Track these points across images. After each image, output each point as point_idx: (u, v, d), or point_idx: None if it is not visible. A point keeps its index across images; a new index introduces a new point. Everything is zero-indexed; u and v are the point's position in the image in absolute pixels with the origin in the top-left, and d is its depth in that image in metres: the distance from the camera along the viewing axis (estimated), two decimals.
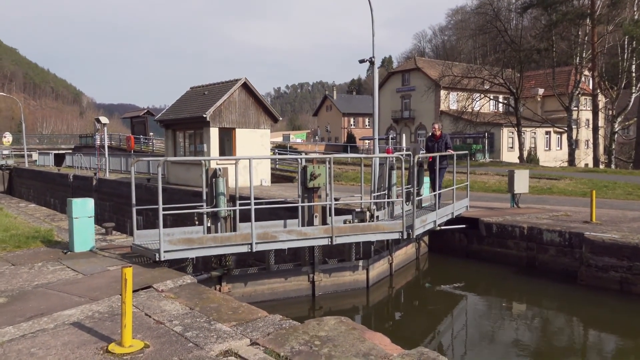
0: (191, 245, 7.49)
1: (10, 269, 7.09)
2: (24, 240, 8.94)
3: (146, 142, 41.13)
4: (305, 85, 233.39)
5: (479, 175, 23.38)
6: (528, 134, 45.65)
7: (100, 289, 6.00)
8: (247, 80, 19.97)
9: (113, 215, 22.47)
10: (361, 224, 9.25)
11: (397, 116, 56.84)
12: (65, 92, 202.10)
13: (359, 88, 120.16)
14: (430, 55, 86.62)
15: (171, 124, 21.35)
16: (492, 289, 10.50)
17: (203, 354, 4.24)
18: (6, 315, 5.05)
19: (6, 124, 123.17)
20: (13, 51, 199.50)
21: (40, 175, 34.31)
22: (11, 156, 43.43)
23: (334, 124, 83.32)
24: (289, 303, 8.91)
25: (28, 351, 4.29)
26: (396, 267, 11.07)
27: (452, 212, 11.56)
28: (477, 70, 40.20)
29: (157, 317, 5.15)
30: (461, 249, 12.22)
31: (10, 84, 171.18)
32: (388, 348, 4.46)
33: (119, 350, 4.25)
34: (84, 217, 8.20)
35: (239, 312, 5.42)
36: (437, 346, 7.64)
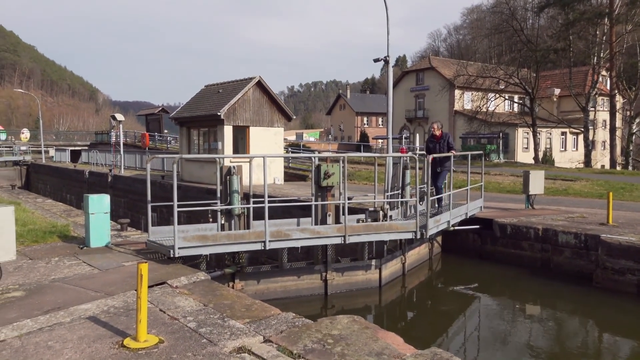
0: (205, 242, 7.54)
1: (28, 263, 7.21)
2: (41, 235, 9.08)
3: (161, 140, 41.45)
4: (319, 84, 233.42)
5: (493, 175, 23.19)
6: (543, 134, 45.17)
7: (115, 284, 6.07)
8: (261, 78, 20.04)
9: (128, 211, 22.70)
10: (374, 223, 9.23)
11: (411, 116, 56.62)
12: (82, 89, 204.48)
13: (373, 87, 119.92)
14: (445, 55, 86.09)
15: (186, 121, 21.50)
16: (506, 291, 10.42)
17: (217, 350, 4.27)
18: (24, 309, 5.14)
19: (24, 121, 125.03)
20: (31, 49, 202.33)
21: (56, 171, 34.77)
22: (29, 152, 44.09)
23: (348, 123, 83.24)
24: (301, 301, 8.93)
25: (45, 344, 4.36)
26: (409, 267, 11.03)
27: (466, 212, 11.49)
28: (493, 69, 39.85)
29: (171, 312, 5.20)
30: (475, 250, 12.14)
31: (28, 80, 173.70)
32: (401, 348, 4.45)
33: (134, 345, 4.30)
34: (99, 213, 8.30)
35: (252, 309, 5.45)
36: (450, 347, 7.60)
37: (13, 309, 5.14)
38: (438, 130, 11.36)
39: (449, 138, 11.36)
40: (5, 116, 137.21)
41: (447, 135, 11.48)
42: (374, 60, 15.33)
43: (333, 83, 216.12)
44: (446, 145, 11.17)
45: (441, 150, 11.09)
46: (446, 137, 11.35)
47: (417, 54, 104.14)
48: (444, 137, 11.32)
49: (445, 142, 11.24)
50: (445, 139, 11.29)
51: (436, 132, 11.36)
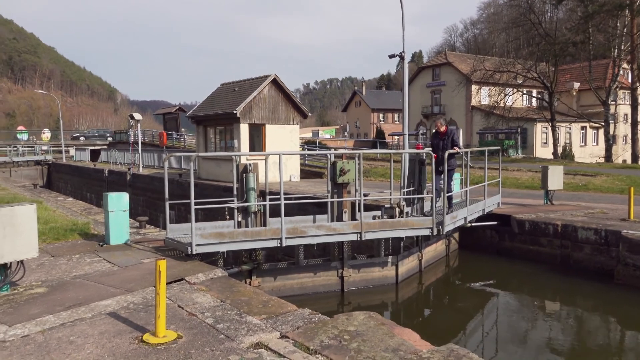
0: (222, 240, 7.61)
1: (50, 260, 7.35)
2: (63, 233, 9.24)
3: (178, 138, 41.81)
4: (334, 81, 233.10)
5: (511, 171, 22.94)
6: (563, 129, 44.48)
7: (134, 281, 6.16)
8: (277, 76, 20.09)
9: (146, 209, 22.98)
10: (390, 220, 9.21)
11: (428, 112, 56.23)
12: (101, 89, 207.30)
13: (389, 83, 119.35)
14: (462, 50, 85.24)
15: (202, 120, 21.67)
16: (524, 287, 10.31)
17: (234, 345, 4.32)
18: (47, 305, 5.25)
19: (45, 121, 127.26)
20: (51, 50, 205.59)
21: (77, 170, 35.33)
22: (50, 152, 44.88)
23: (363, 120, 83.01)
24: (317, 298, 8.97)
25: (67, 339, 4.45)
26: (426, 264, 10.99)
27: (483, 208, 11.39)
28: (510, 64, 39.35)
29: (189, 309, 5.26)
30: (492, 246, 12.04)
31: (48, 81, 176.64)
32: (417, 344, 4.44)
33: (153, 340, 4.37)
34: (119, 211, 8.42)
35: (268, 305, 5.49)
36: (467, 344, 7.56)
37: (36, 305, 5.26)
38: (442, 126, 10.81)
39: (453, 134, 10.74)
40: (27, 117, 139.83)
41: (452, 131, 10.87)
42: (389, 56, 15.25)
43: (349, 80, 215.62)
44: (450, 142, 10.55)
45: (445, 147, 10.49)
46: (451, 133, 10.74)
47: (433, 50, 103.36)
48: (448, 134, 10.71)
49: (450, 138, 10.64)
50: (450, 135, 10.68)
51: (440, 129, 10.79)
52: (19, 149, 42.45)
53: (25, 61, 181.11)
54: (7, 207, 5.49)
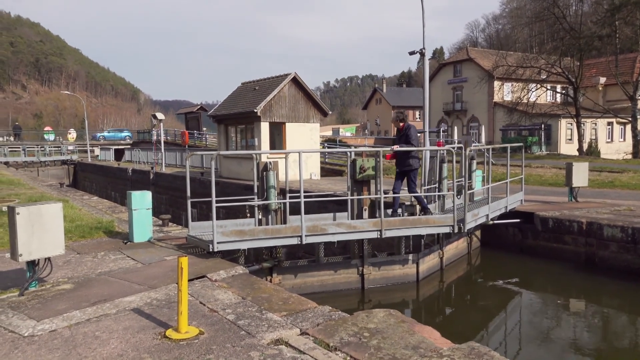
0: (243, 237, 7.68)
1: (76, 257, 7.53)
2: (88, 231, 9.44)
3: (200, 137, 42.26)
4: (354, 79, 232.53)
5: (534, 168, 22.58)
6: (588, 125, 43.54)
7: (157, 278, 6.27)
8: (297, 74, 20.14)
9: (169, 207, 23.30)
10: (411, 218, 9.17)
11: (449, 108, 55.69)
12: (124, 89, 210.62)
13: (409, 80, 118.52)
14: (484, 45, 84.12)
15: (223, 119, 21.86)
16: (548, 286, 10.16)
17: (254, 342, 4.37)
18: (73, 300, 5.38)
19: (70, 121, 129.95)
20: (76, 52, 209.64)
21: (101, 169, 36.01)
22: (75, 151, 45.83)
23: (384, 117, 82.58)
24: (338, 295, 8.98)
25: (93, 334, 4.56)
26: (447, 262, 10.91)
27: (505, 206, 11.25)
28: (534, 59, 38.64)
29: (211, 305, 5.33)
30: (515, 244, 11.88)
31: (74, 82, 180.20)
32: (438, 342, 4.42)
33: (176, 336, 4.44)
34: (142, 209, 8.56)
35: (289, 302, 5.52)
36: (489, 342, 7.49)
37: (63, 300, 5.39)
38: (399, 122, 9.67)
39: (407, 131, 9.47)
40: (54, 117, 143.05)
41: (408, 127, 9.56)
42: (409, 53, 15.17)
43: (369, 77, 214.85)
44: (404, 139, 9.44)
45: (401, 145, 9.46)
46: (407, 129, 9.52)
47: (454, 46, 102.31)
48: (405, 130, 9.53)
49: (404, 135, 9.45)
50: (405, 131, 9.50)
51: (399, 125, 9.69)
52: (46, 149, 43.46)
53: (52, 63, 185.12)
54: (35, 206, 5.64)
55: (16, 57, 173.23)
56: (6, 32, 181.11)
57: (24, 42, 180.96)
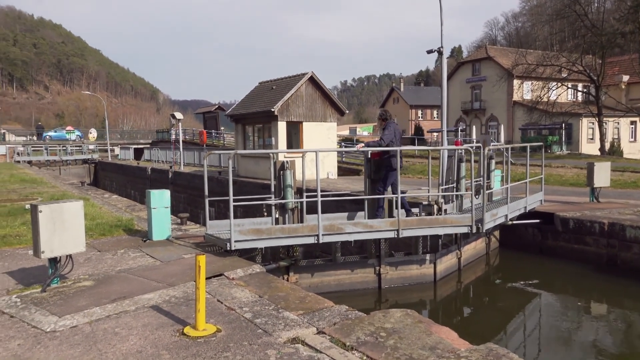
0: (260, 236, 7.71)
1: (96, 255, 7.65)
2: (108, 229, 9.59)
3: (217, 137, 42.57)
4: (372, 78, 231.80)
5: (554, 168, 22.25)
6: (610, 124, 42.73)
7: (176, 275, 6.33)
8: (314, 74, 20.15)
9: (187, 206, 23.52)
10: (428, 217, 9.11)
11: (467, 107, 55.16)
12: (144, 89, 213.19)
13: (427, 79, 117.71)
14: (503, 44, 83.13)
15: (241, 118, 21.98)
16: (569, 288, 10.00)
17: (271, 340, 4.38)
18: (93, 297, 5.47)
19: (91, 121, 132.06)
20: (97, 52, 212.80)
21: (121, 168, 36.51)
22: (96, 151, 46.59)
23: (401, 117, 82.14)
24: (354, 295, 8.97)
25: (113, 330, 4.62)
26: (465, 262, 10.81)
27: (525, 206, 11.11)
28: (554, 57, 38.04)
29: (228, 303, 5.37)
30: (535, 245, 11.72)
31: (94, 83, 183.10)
32: (455, 343, 4.39)
33: (194, 334, 4.49)
34: (161, 207, 8.66)
35: (305, 301, 5.53)
36: (507, 344, 7.40)
37: (83, 297, 5.48)
38: (380, 121, 9.40)
39: (384, 128, 9.13)
40: (75, 117, 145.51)
41: (386, 126, 9.18)
42: (427, 51, 15.04)
43: (386, 76, 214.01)
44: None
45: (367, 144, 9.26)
46: (386, 126, 9.16)
47: (473, 44, 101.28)
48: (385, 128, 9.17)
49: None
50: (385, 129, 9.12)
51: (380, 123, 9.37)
52: (67, 148, 44.26)
53: (73, 64, 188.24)
54: (57, 204, 5.74)
55: (39, 58, 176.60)
56: (29, 33, 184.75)
57: (47, 44, 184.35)
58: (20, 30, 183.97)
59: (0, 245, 8.26)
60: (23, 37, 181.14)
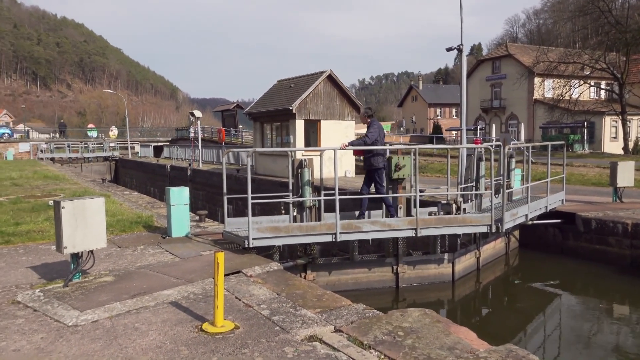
0: (278, 234, 7.74)
1: (117, 251, 7.76)
2: (128, 225, 9.71)
3: (236, 135, 42.84)
4: (390, 76, 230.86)
5: (576, 167, 21.87)
6: (634, 122, 41.87)
7: (194, 272, 6.39)
8: (332, 72, 20.13)
9: (206, 203, 23.72)
10: (447, 216, 9.04)
11: (487, 106, 54.56)
12: (163, 88, 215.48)
13: (446, 77, 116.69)
14: (524, 41, 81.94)
15: (259, 116, 22.07)
16: (590, 289, 9.84)
17: (289, 337, 4.40)
18: (114, 292, 5.55)
19: (112, 119, 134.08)
20: (118, 51, 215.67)
21: (141, 165, 36.97)
22: (117, 148, 47.27)
23: (420, 115, 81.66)
24: (372, 293, 8.95)
25: (133, 325, 4.69)
26: (484, 262, 10.70)
27: (545, 205, 10.95)
28: (576, 54, 37.37)
29: (246, 300, 5.40)
30: (555, 245, 11.55)
31: (115, 81, 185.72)
32: (474, 343, 4.35)
33: (212, 330, 4.52)
34: (180, 204, 8.74)
35: (323, 299, 5.54)
36: (527, 345, 7.31)
37: (104, 292, 5.56)
38: (363, 118, 9.17)
39: (369, 126, 8.89)
40: (97, 115, 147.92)
41: (370, 123, 8.95)
42: (446, 49, 14.93)
43: (405, 74, 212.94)
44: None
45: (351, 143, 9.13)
46: (370, 125, 8.93)
47: (493, 42, 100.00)
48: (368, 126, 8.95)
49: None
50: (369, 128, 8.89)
51: (363, 121, 9.19)
52: (89, 145, 44.99)
53: (95, 62, 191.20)
54: (79, 200, 5.83)
55: (62, 57, 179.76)
56: (53, 33, 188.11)
57: (69, 43, 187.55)
58: (44, 30, 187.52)
59: (24, 241, 8.43)
60: (47, 36, 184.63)
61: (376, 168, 8.85)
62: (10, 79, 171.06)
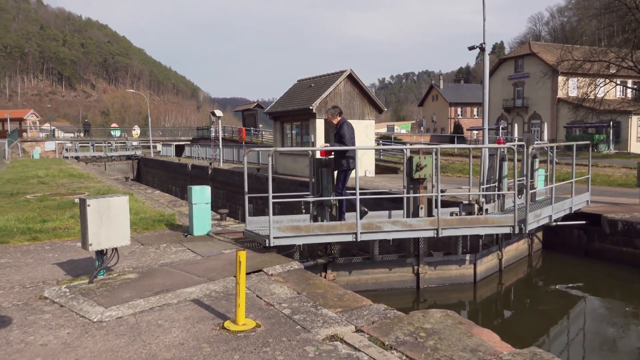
0: (298, 233, 7.75)
1: (140, 248, 7.87)
2: (151, 223, 9.84)
3: (256, 134, 43.03)
4: (410, 75, 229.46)
5: (601, 167, 21.43)
6: None
7: (216, 270, 6.44)
8: (352, 71, 20.08)
9: (226, 202, 23.90)
10: (469, 217, 8.94)
11: (509, 105, 53.85)
12: (185, 87, 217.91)
13: (467, 76, 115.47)
14: (547, 39, 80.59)
15: (279, 116, 22.14)
16: (616, 292, 9.63)
17: (310, 337, 4.40)
18: (137, 289, 5.63)
19: (135, 118, 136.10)
20: (141, 52, 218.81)
21: (163, 164, 37.43)
22: (139, 147, 47.97)
23: (440, 114, 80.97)
24: (392, 294, 8.90)
25: (156, 322, 4.75)
26: (506, 263, 10.56)
27: (570, 206, 10.75)
28: (602, 52, 36.57)
29: (267, 299, 5.43)
30: (580, 247, 11.34)
31: (138, 81, 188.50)
32: (497, 345, 4.29)
33: (234, 328, 4.55)
34: (201, 203, 8.83)
35: (344, 299, 5.53)
36: (550, 348, 7.19)
37: (128, 289, 5.65)
38: (333, 117, 8.81)
39: (342, 128, 8.65)
40: (120, 114, 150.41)
41: (342, 124, 8.70)
42: (468, 48, 14.73)
43: (425, 74, 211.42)
44: (338, 137, 8.70)
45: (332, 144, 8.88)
46: (341, 125, 8.70)
47: (515, 40, 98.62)
48: (338, 127, 8.74)
49: (338, 133, 8.67)
50: (338, 129, 8.70)
51: (333, 120, 8.86)
52: (112, 144, 45.76)
53: (118, 63, 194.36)
54: (104, 198, 5.93)
55: (86, 58, 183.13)
56: (78, 34, 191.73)
57: (94, 43, 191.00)
58: (69, 31, 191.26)
59: (51, 237, 8.61)
60: (72, 37, 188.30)
61: (346, 169, 8.61)
62: (36, 79, 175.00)
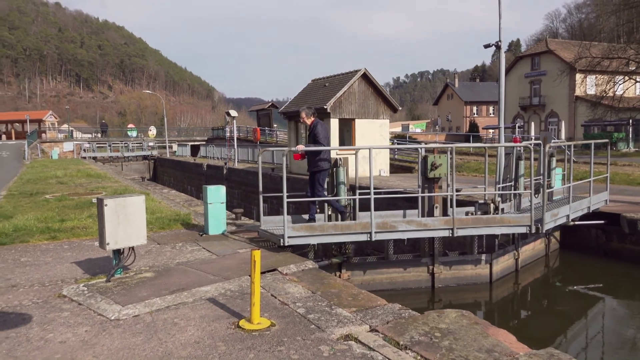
0: (313, 232, 7.77)
1: (156, 247, 7.95)
2: (167, 223, 9.94)
3: (270, 134, 43.18)
4: (425, 74, 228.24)
5: (620, 166, 21.07)
6: None
7: (231, 269, 6.48)
8: (367, 70, 20.03)
9: (241, 202, 24.01)
10: (484, 216, 8.86)
11: (525, 103, 53.27)
12: (200, 88, 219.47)
13: (483, 75, 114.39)
14: (564, 36, 79.47)
15: (294, 115, 22.17)
16: (635, 293, 9.47)
17: (324, 336, 4.41)
18: (154, 288, 5.69)
19: (151, 119, 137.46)
20: (157, 53, 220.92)
21: (179, 164, 37.75)
22: (155, 147, 48.44)
23: (456, 113, 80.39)
24: (407, 293, 8.87)
25: (172, 321, 4.80)
26: (523, 263, 10.45)
27: (588, 206, 10.60)
28: (621, 49, 35.96)
29: (281, 298, 5.45)
30: (598, 247, 11.17)
31: (154, 82, 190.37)
32: (514, 346, 4.25)
33: (249, 327, 4.58)
34: (217, 203, 8.89)
35: (358, 298, 5.52)
36: (567, 349, 7.11)
37: (144, 288, 5.71)
38: (307, 118, 8.72)
39: (316, 128, 8.59)
40: (136, 115, 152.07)
41: (316, 124, 8.65)
42: (484, 45, 14.59)
43: (440, 72, 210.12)
44: (312, 137, 8.65)
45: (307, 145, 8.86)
46: (314, 126, 8.64)
47: (532, 37, 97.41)
48: (312, 128, 8.69)
49: (312, 134, 8.62)
50: (312, 130, 8.65)
51: (307, 121, 8.76)
52: (129, 145, 46.28)
53: (135, 64, 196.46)
54: (121, 198, 6.01)
55: (103, 59, 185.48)
56: (95, 36, 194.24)
57: (110, 45, 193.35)
58: (86, 33, 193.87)
59: (69, 237, 8.75)
60: (89, 39, 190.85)
61: (321, 170, 8.57)
62: (55, 80, 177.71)
